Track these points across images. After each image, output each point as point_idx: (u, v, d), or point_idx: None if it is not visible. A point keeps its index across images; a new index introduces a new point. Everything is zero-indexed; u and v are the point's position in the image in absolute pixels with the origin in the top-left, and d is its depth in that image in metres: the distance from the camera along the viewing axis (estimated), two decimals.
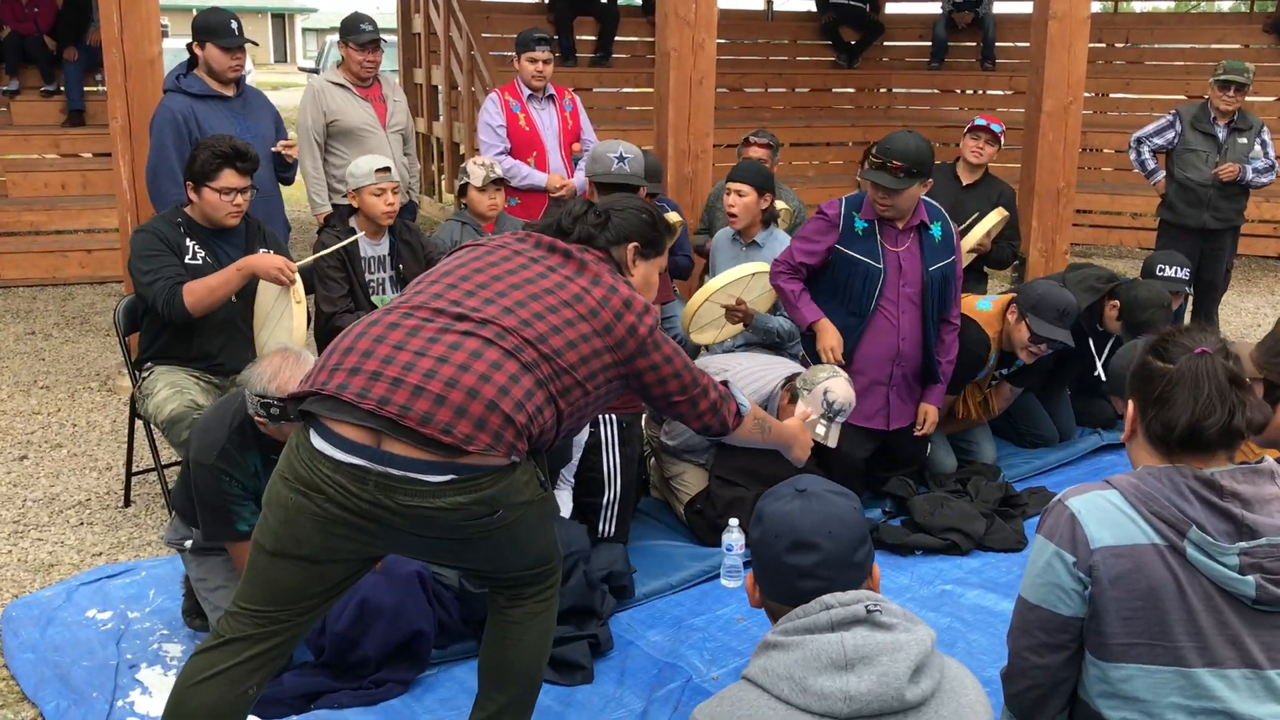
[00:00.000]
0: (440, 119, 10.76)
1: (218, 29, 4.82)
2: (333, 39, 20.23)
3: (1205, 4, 14.65)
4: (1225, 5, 14.04)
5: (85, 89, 9.49)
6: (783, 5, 13.09)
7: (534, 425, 2.25)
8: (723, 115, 7.87)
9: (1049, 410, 5.17)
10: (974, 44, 11.90)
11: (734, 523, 3.78)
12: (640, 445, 4.15)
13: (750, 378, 4.03)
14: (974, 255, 5.48)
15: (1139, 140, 6.76)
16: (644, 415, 4.61)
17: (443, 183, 11.05)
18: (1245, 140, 6.51)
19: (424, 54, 11.24)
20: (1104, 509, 1.94)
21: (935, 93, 12.24)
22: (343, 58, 5.58)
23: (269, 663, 2.36)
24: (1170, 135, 6.64)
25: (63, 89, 9.45)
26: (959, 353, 4.38)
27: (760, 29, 12.59)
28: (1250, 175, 6.49)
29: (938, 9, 11.96)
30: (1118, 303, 4.80)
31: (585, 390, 2.37)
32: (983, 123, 5.80)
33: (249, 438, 3.05)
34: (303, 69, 29.70)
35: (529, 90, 5.90)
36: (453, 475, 2.18)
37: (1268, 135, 6.61)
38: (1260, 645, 1.87)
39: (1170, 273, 5.15)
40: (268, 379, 2.94)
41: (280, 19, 47.31)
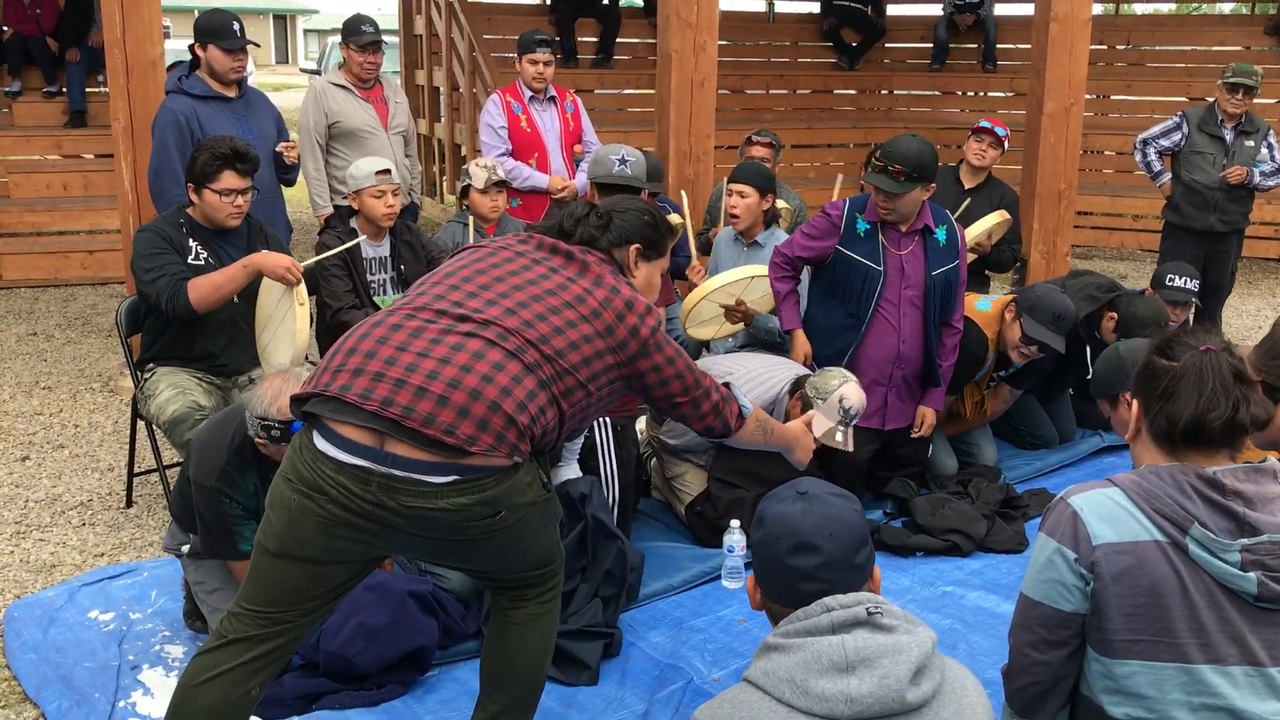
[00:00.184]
0: (442, 120, 10.76)
1: (220, 30, 4.82)
2: (334, 40, 20.20)
3: (1206, 6, 14.64)
4: (1226, 7, 14.03)
5: (87, 90, 9.49)
6: (784, 7, 13.11)
7: (536, 426, 2.25)
8: (724, 117, 7.87)
9: (1050, 412, 5.16)
10: (975, 46, 11.91)
11: (735, 524, 3.78)
12: (636, 447, 4.15)
13: (755, 380, 4.03)
14: (973, 257, 5.47)
15: (1145, 142, 6.72)
16: (644, 415, 4.62)
17: (444, 184, 11.05)
18: (1252, 143, 6.49)
19: (425, 55, 11.24)
20: (1106, 506, 1.94)
21: (936, 94, 12.25)
22: (344, 59, 5.59)
23: (272, 663, 2.36)
24: (1177, 137, 6.60)
25: (65, 90, 9.45)
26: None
27: (761, 31, 12.60)
28: (1257, 179, 6.46)
29: (939, 11, 11.96)
30: (1115, 315, 4.80)
31: (588, 391, 2.37)
32: (987, 125, 5.80)
33: (248, 458, 3.04)
34: (304, 70, 29.68)
35: (530, 92, 5.90)
36: (455, 476, 2.18)
37: (1274, 139, 6.59)
38: (1262, 642, 1.88)
39: (1180, 283, 5.10)
40: (269, 401, 2.93)
41: (282, 20, 47.33)
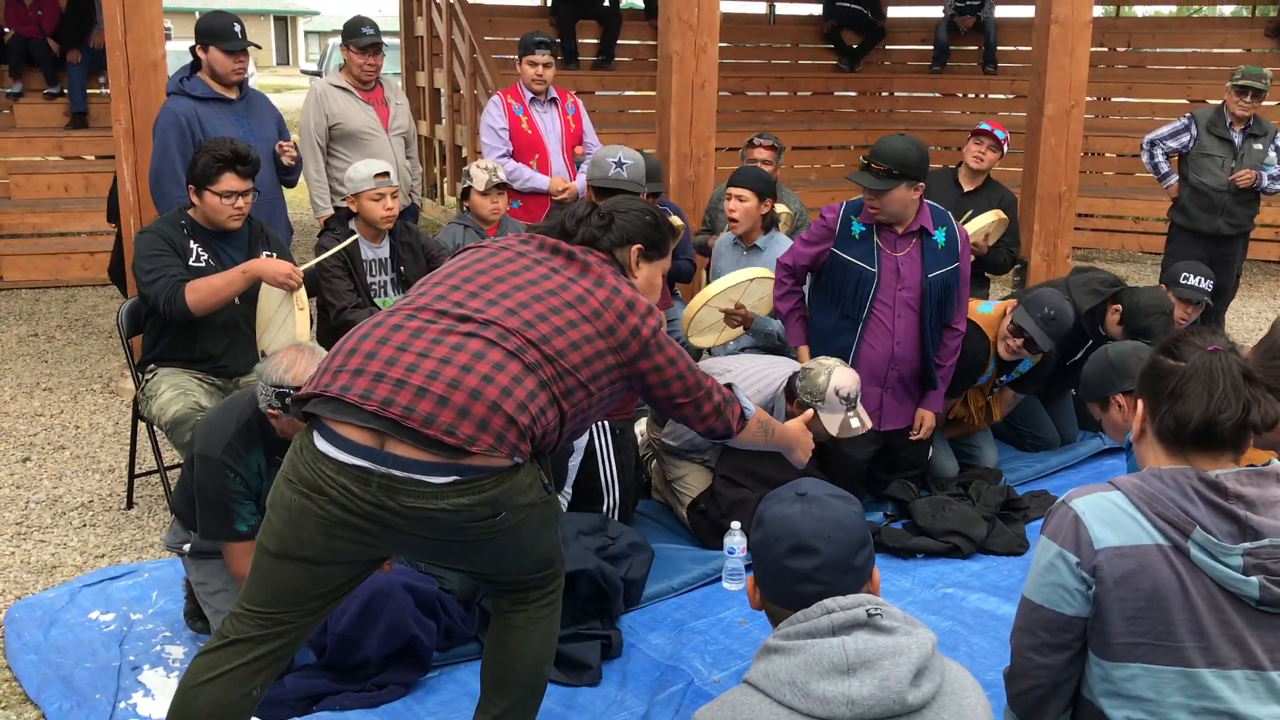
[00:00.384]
0: (442, 122, 10.77)
1: (221, 32, 4.82)
2: (335, 42, 20.22)
3: (1207, 8, 14.62)
4: (1227, 10, 14.00)
5: (88, 91, 9.49)
6: (784, 9, 13.12)
7: (537, 427, 2.25)
8: (725, 119, 7.86)
9: (1051, 413, 5.16)
10: (976, 48, 11.90)
11: (736, 525, 3.78)
12: (635, 450, 4.14)
13: (753, 379, 4.03)
14: (971, 258, 5.46)
15: (1152, 143, 6.70)
16: (644, 418, 4.62)
17: (445, 185, 11.06)
18: (1260, 146, 6.47)
19: (426, 57, 11.25)
20: (1108, 510, 1.94)
21: (937, 97, 12.25)
22: (345, 61, 5.59)
23: (273, 664, 2.36)
24: (1185, 139, 6.58)
25: (66, 91, 9.45)
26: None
27: (762, 33, 12.62)
28: (1265, 182, 6.45)
29: (940, 13, 11.96)
30: (1120, 307, 4.79)
31: (589, 391, 2.37)
32: (986, 128, 5.80)
33: (255, 435, 3.06)
34: (305, 72, 29.65)
35: (531, 93, 5.90)
36: (456, 477, 2.18)
37: None
38: (1263, 646, 1.88)
39: (1194, 281, 5.07)
40: (284, 369, 2.95)
41: (283, 22, 47.33)
